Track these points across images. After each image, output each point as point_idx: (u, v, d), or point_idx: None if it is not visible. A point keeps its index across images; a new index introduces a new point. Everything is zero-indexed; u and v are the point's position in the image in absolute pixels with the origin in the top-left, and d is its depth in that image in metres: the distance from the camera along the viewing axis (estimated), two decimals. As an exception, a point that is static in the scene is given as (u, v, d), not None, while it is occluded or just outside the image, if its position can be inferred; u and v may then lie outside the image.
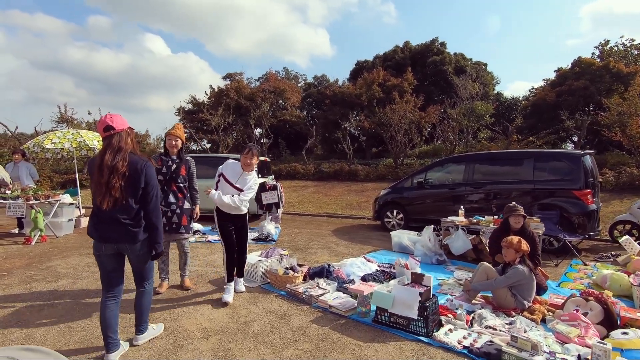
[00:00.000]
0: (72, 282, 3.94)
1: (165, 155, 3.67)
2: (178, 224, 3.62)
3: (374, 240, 6.68)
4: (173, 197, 3.61)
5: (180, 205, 3.65)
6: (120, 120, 2.35)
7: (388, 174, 14.49)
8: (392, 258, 5.24)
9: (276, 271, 3.75)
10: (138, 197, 2.31)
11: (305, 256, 5.31)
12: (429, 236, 5.08)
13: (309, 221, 9.33)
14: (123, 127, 2.34)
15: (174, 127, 3.73)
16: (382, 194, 7.93)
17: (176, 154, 3.68)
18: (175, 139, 3.63)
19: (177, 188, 3.65)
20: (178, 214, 3.62)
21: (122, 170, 2.23)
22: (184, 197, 3.69)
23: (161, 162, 3.60)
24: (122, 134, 2.32)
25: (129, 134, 2.37)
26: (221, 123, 17.53)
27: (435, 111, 17.43)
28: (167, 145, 3.65)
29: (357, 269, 4.10)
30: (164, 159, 3.64)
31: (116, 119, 2.33)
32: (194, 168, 3.84)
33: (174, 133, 3.64)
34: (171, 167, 3.61)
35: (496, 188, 6.33)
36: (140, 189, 2.30)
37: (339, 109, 19.57)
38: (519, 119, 12.91)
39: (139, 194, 2.31)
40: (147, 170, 2.33)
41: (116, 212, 2.24)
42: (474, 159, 6.76)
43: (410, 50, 23.50)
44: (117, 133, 2.29)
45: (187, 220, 3.70)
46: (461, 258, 5.16)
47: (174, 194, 3.62)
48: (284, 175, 15.86)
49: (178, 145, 3.65)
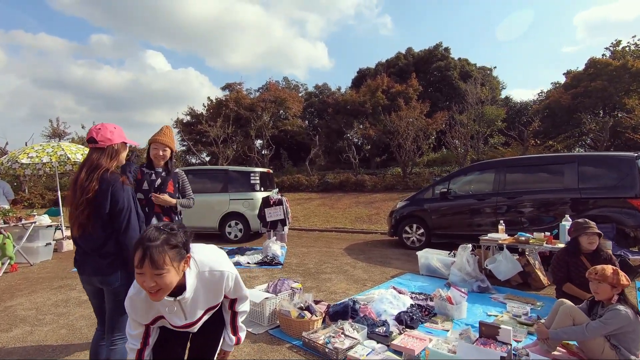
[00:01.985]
0: (29, 330, 3.11)
1: (147, 166, 2.84)
2: None
3: (393, 260, 5.85)
4: (156, 221, 2.76)
5: None
6: (107, 134, 2.00)
7: (397, 183, 13.71)
8: (422, 285, 4.42)
9: (288, 313, 2.92)
10: (104, 223, 1.90)
11: (318, 284, 4.48)
12: (466, 258, 4.25)
13: (317, 237, 8.50)
14: (110, 143, 1.99)
15: (160, 132, 2.82)
16: (399, 206, 7.12)
17: (162, 166, 2.86)
18: (164, 148, 2.76)
19: (162, 209, 2.81)
20: None
21: (91, 192, 1.88)
22: (170, 221, 2.80)
23: (141, 176, 2.78)
24: (107, 149, 1.99)
25: (117, 150, 2.03)
26: (220, 134, 16.83)
27: (442, 117, 16.76)
28: (151, 155, 2.79)
29: (388, 305, 3.27)
30: (145, 171, 2.80)
31: (103, 132, 1.99)
32: (184, 180, 2.97)
33: (160, 140, 2.75)
34: (154, 182, 2.78)
35: (534, 198, 5.52)
36: (105, 214, 1.89)
37: (343, 117, 18.91)
38: (536, 123, 12.15)
39: (103, 220, 1.90)
40: (113, 191, 1.89)
41: (84, 239, 1.94)
42: (505, 165, 5.97)
43: (413, 57, 22.96)
44: (99, 148, 1.98)
45: None
46: (504, 283, 4.33)
47: (157, 217, 2.78)
48: (287, 187, 15.07)
49: (166, 155, 2.79)
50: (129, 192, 1.93)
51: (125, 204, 1.89)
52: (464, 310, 3.31)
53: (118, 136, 2.06)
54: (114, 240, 1.91)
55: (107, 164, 1.96)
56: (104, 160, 1.96)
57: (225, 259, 1.70)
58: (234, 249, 6.50)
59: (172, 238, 1.37)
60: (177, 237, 1.39)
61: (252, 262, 5.49)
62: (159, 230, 1.38)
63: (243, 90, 23.68)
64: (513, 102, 19.19)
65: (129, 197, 1.93)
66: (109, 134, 2.01)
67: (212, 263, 1.58)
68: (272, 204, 6.34)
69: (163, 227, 1.41)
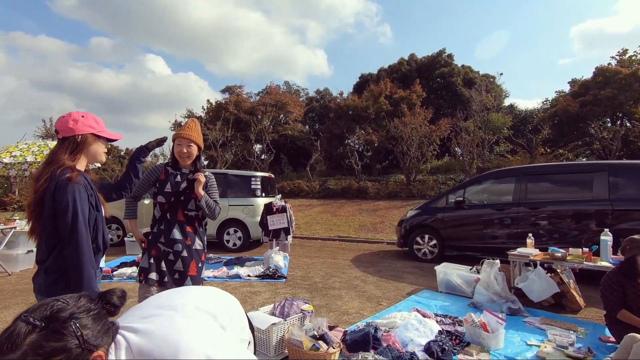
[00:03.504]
0: None
1: (172, 166, 2.40)
2: (183, 274, 2.29)
3: (406, 274, 5.39)
4: (179, 231, 2.30)
5: (189, 244, 2.31)
6: (69, 122, 1.63)
7: (400, 191, 13.31)
8: (443, 304, 3.97)
9: (300, 343, 2.46)
10: (49, 231, 1.52)
11: (328, 302, 4.01)
12: (494, 275, 3.81)
13: (321, 247, 8.04)
14: (70, 133, 1.62)
15: (186, 126, 2.37)
16: (410, 215, 6.68)
17: (189, 166, 2.40)
18: (188, 144, 2.31)
19: (186, 218, 2.34)
20: (184, 258, 2.29)
21: (38, 192, 1.53)
22: (194, 232, 2.36)
23: (165, 176, 2.34)
24: (66, 141, 1.62)
25: (81, 143, 1.63)
26: (219, 138, 16.40)
27: (446, 124, 16.44)
28: (175, 153, 2.35)
29: (414, 332, 2.81)
30: (169, 171, 2.37)
31: (65, 120, 1.64)
32: (212, 184, 2.49)
33: (185, 134, 2.31)
34: (179, 184, 2.34)
35: (559, 209, 5.10)
36: (48, 219, 1.51)
37: (344, 122, 18.55)
38: (545, 131, 11.80)
39: (47, 226, 1.52)
40: (56, 193, 1.49)
41: (37, 248, 1.61)
42: (526, 173, 5.56)
43: (416, 62, 22.72)
44: (60, 139, 1.64)
45: (196, 269, 2.35)
46: (535, 304, 3.87)
47: (180, 226, 2.31)
48: (287, 193, 14.62)
49: (192, 153, 2.34)
50: (76, 193, 1.48)
51: (70, 207, 1.45)
52: (502, 339, 2.86)
53: (85, 126, 1.64)
54: (58, 252, 1.50)
55: (66, 158, 1.57)
56: (62, 154, 1.59)
57: (204, 334, 0.93)
58: (232, 259, 6.03)
59: (48, 339, 0.72)
60: (64, 334, 0.75)
61: (253, 275, 5.02)
62: (27, 321, 0.73)
63: (243, 93, 23.32)
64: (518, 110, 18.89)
65: (76, 198, 1.47)
66: (70, 123, 1.62)
67: (163, 349, 0.85)
68: (274, 211, 5.89)
69: (42, 310, 0.76)
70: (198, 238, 2.38)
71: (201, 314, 1.01)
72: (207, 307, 1.06)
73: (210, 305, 1.09)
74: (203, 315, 1.02)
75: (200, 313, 1.01)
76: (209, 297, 1.15)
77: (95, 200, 1.60)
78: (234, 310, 1.20)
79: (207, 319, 1.02)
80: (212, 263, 5.91)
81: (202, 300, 1.09)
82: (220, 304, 1.14)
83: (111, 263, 5.75)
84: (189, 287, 1.27)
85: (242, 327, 1.21)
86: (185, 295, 1.10)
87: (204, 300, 1.10)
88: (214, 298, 1.16)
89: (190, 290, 1.19)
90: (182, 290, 1.20)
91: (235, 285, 4.66)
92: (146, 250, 2.30)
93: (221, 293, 1.24)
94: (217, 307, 1.11)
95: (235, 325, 1.15)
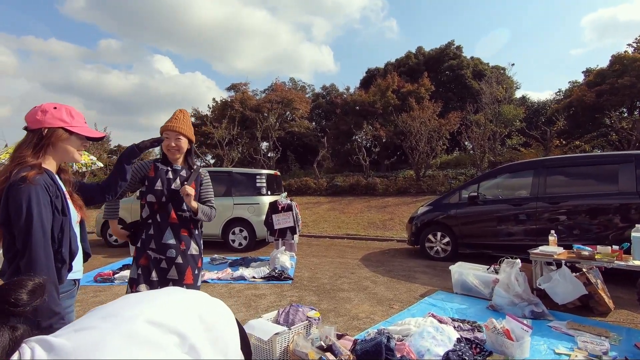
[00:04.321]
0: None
1: (162, 162, 2.16)
2: (178, 283, 2.06)
3: (418, 273, 5.14)
4: (171, 235, 2.06)
5: (184, 250, 2.08)
6: (37, 114, 1.43)
7: (410, 187, 13.02)
8: (459, 307, 3.72)
9: (306, 355, 2.24)
10: (7, 240, 1.31)
11: (336, 305, 3.79)
12: (514, 276, 3.54)
13: (329, 245, 7.82)
14: (36, 125, 1.42)
15: (173, 117, 2.14)
16: (421, 212, 6.41)
17: (181, 162, 2.18)
18: (177, 137, 2.08)
19: (180, 220, 2.10)
20: (179, 265, 2.06)
21: None
22: (189, 236, 2.13)
23: (154, 172, 2.11)
24: (30, 135, 1.43)
25: (47, 137, 1.42)
26: (225, 136, 16.27)
27: (455, 117, 16.05)
28: (163, 147, 2.11)
29: (431, 341, 2.57)
30: (159, 167, 2.13)
31: (32, 111, 1.45)
32: (207, 182, 2.27)
33: (173, 127, 2.07)
34: (172, 181, 2.11)
35: (581, 204, 4.79)
36: (3, 227, 1.29)
37: (352, 118, 18.27)
38: (560, 122, 11.37)
39: (4, 234, 1.32)
40: (9, 195, 1.27)
41: None
42: (545, 166, 5.24)
43: (424, 56, 22.27)
44: (28, 131, 1.44)
45: (192, 276, 2.11)
46: (560, 307, 3.60)
47: (173, 229, 2.07)
48: (295, 191, 14.43)
49: (181, 147, 2.11)
50: (32, 194, 1.26)
51: (23, 212, 1.24)
52: (527, 348, 2.60)
53: (54, 118, 1.43)
54: (15, 266, 1.28)
55: (28, 154, 1.37)
56: (25, 149, 1.38)
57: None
58: (237, 260, 5.85)
59: None
60: None
61: (258, 277, 4.82)
62: None
63: (249, 91, 23.15)
64: (530, 102, 18.36)
65: (32, 200, 1.26)
66: (38, 114, 1.42)
67: None
68: (280, 210, 5.68)
69: None
70: (194, 242, 2.16)
71: (154, 332, 0.73)
72: (171, 322, 0.77)
73: (177, 318, 0.79)
74: (156, 334, 0.73)
75: (153, 331, 0.73)
76: (182, 307, 0.84)
77: (62, 202, 1.39)
78: (221, 326, 0.90)
79: (160, 341, 0.72)
80: (216, 264, 5.73)
81: (166, 312, 0.79)
82: (198, 318, 0.84)
83: (114, 265, 5.62)
84: (160, 291, 0.92)
85: (229, 349, 0.94)
86: (142, 304, 0.81)
87: (170, 311, 0.80)
88: (190, 308, 0.85)
89: (157, 297, 0.87)
90: (148, 295, 0.88)
91: (239, 288, 4.47)
92: (134, 259, 2.10)
93: (206, 301, 0.92)
94: (191, 322, 0.81)
95: (218, 348, 0.88)
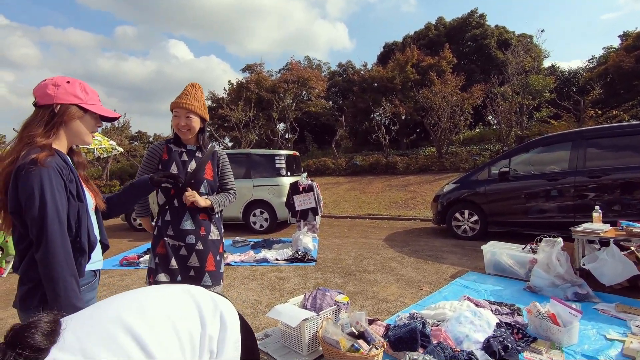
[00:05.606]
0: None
1: (175, 142, 1.99)
2: (199, 270, 1.92)
3: (446, 253, 4.94)
4: (190, 220, 1.92)
5: (204, 235, 1.94)
6: (48, 88, 1.25)
7: (432, 164, 12.62)
8: (494, 288, 3.52)
9: (337, 343, 2.12)
10: (17, 229, 1.17)
11: (363, 288, 3.66)
12: (555, 255, 3.29)
13: (350, 225, 7.68)
14: (48, 101, 1.24)
15: (183, 93, 1.90)
16: (447, 190, 6.14)
17: (194, 142, 2.00)
18: (187, 115, 1.87)
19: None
20: (199, 252, 1.93)
21: (2, 175, 1.15)
22: (209, 220, 1.98)
23: (167, 155, 1.95)
24: (40, 111, 1.25)
25: (58, 115, 1.25)
26: (242, 118, 16.15)
27: (479, 91, 15.31)
28: (173, 125, 1.93)
29: (469, 326, 2.40)
30: (172, 149, 1.97)
31: (45, 84, 1.26)
32: (225, 163, 2.10)
33: (183, 104, 1.85)
34: (186, 163, 1.95)
35: (627, 177, 4.42)
36: (13, 215, 1.14)
37: (370, 95, 17.75)
38: (596, 90, 10.60)
39: (15, 223, 1.17)
40: (19, 180, 1.12)
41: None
42: (584, 137, 4.85)
43: (445, 27, 21.19)
44: (38, 106, 1.25)
45: (214, 262, 1.97)
46: (605, 288, 3.34)
47: (191, 214, 1.93)
48: (313, 171, 14.28)
49: (192, 126, 1.90)
50: (44, 178, 1.11)
51: (36, 198, 1.09)
52: (576, 334, 2.40)
53: (68, 94, 1.26)
54: (30, 258, 1.15)
55: (38, 133, 1.19)
56: (35, 127, 1.20)
57: None
58: (259, 242, 5.80)
59: None
60: None
61: (281, 258, 4.74)
62: None
63: (264, 71, 22.80)
64: (560, 71, 17.25)
65: (44, 185, 1.11)
66: (50, 88, 1.24)
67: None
68: (301, 191, 5.54)
69: None
70: (214, 226, 2.02)
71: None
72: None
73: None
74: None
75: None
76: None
77: (76, 187, 1.24)
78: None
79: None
80: (239, 246, 5.70)
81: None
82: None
83: (139, 249, 5.68)
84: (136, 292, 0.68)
85: None
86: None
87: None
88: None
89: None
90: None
91: (263, 270, 4.41)
92: (151, 248, 1.99)
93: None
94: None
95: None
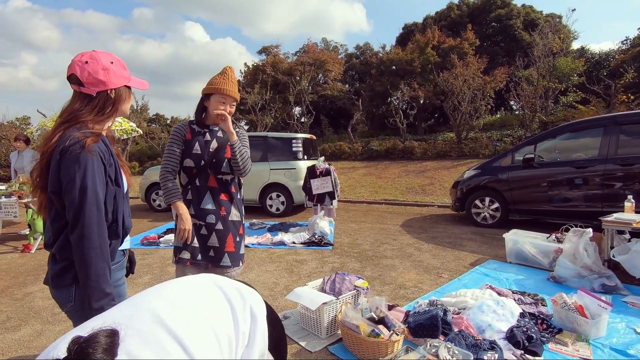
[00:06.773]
0: (39, 330, 2.57)
1: (198, 124, 2.01)
2: (218, 250, 1.95)
3: (465, 241, 4.85)
4: (211, 199, 1.95)
5: (224, 215, 1.96)
6: (99, 73, 1.20)
7: (450, 150, 12.35)
8: (516, 277, 3.44)
9: (356, 327, 2.11)
10: (56, 209, 1.16)
11: (381, 273, 3.64)
12: (583, 246, 3.18)
13: (367, 211, 7.64)
14: (103, 87, 1.21)
15: (226, 78, 1.94)
16: (467, 176, 5.99)
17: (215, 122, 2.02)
18: (233, 103, 1.97)
19: (219, 183, 1.98)
20: (219, 232, 1.95)
21: (45, 155, 1.17)
22: (230, 201, 2.00)
23: (191, 136, 1.96)
24: (97, 98, 1.22)
25: (115, 100, 1.25)
26: (258, 101, 16.09)
27: (502, 74, 14.74)
28: (212, 110, 1.92)
29: (491, 315, 2.35)
30: (195, 129, 1.99)
31: (93, 67, 1.20)
32: (245, 141, 2.09)
33: (229, 91, 1.91)
34: (209, 143, 1.96)
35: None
36: (53, 195, 1.14)
37: (388, 78, 17.35)
38: (629, 74, 10.03)
39: (52, 202, 1.16)
40: (62, 163, 1.11)
41: (45, 228, 1.26)
42: (618, 123, 4.60)
43: (467, 6, 20.32)
44: (86, 94, 1.21)
45: (234, 244, 2.00)
46: (633, 279, 3.22)
47: (212, 194, 1.95)
48: (329, 155, 14.19)
49: (232, 113, 1.98)
50: (88, 164, 1.11)
51: (77, 183, 1.09)
52: (604, 327, 2.32)
53: (118, 76, 1.25)
54: (65, 237, 1.15)
55: (91, 119, 1.20)
56: (87, 113, 1.20)
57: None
58: (276, 225, 5.83)
59: None
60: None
61: (298, 242, 4.76)
62: None
63: (280, 54, 22.52)
64: (590, 53, 16.39)
65: (87, 171, 1.11)
66: (101, 74, 1.21)
67: None
68: (318, 174, 5.50)
69: None
70: (235, 207, 2.02)
71: None
72: None
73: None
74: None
75: None
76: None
77: (115, 172, 1.23)
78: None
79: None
80: (255, 229, 5.75)
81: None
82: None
83: (159, 229, 5.79)
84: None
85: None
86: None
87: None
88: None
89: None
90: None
91: (280, 253, 4.43)
92: (175, 227, 2.00)
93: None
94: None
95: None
